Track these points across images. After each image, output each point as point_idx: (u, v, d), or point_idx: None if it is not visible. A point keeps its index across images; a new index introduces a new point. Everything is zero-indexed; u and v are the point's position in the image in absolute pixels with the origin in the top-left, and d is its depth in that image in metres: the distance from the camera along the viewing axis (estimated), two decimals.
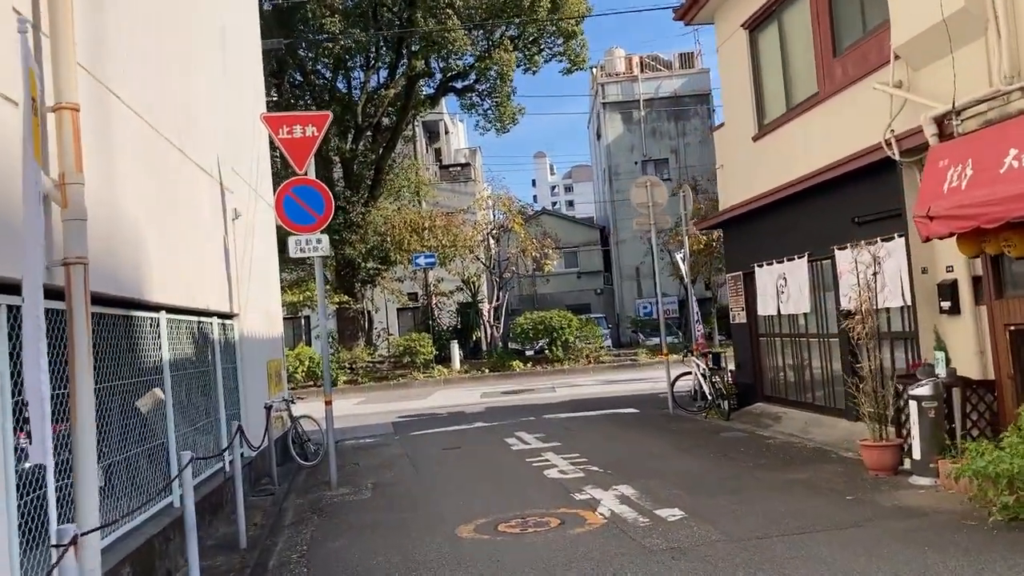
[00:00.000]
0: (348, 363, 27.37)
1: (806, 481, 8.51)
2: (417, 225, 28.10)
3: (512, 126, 33.98)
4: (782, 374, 13.56)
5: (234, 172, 11.55)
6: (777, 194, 12.45)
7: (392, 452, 13.26)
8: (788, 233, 12.58)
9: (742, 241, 14.35)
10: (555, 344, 26.70)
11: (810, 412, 12.34)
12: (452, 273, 30.09)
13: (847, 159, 10.28)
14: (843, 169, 10.40)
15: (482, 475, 10.41)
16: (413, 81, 28.61)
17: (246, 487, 10.44)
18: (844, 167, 10.37)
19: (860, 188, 10.47)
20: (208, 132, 10.27)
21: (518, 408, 17.94)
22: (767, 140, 13.14)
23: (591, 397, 19.03)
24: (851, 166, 10.20)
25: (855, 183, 10.50)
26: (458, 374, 26.74)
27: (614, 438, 12.68)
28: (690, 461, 10.23)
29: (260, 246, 13.17)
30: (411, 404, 20.70)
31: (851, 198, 10.73)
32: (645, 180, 15.30)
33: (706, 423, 13.62)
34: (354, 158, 28.83)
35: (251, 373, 11.69)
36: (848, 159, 10.24)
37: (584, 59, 32.23)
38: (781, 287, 12.86)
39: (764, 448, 10.76)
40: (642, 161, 44.59)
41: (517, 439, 13.12)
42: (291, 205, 10.50)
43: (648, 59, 47.00)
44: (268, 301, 13.81)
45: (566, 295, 43.00)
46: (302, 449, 13.31)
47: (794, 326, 12.99)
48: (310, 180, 10.61)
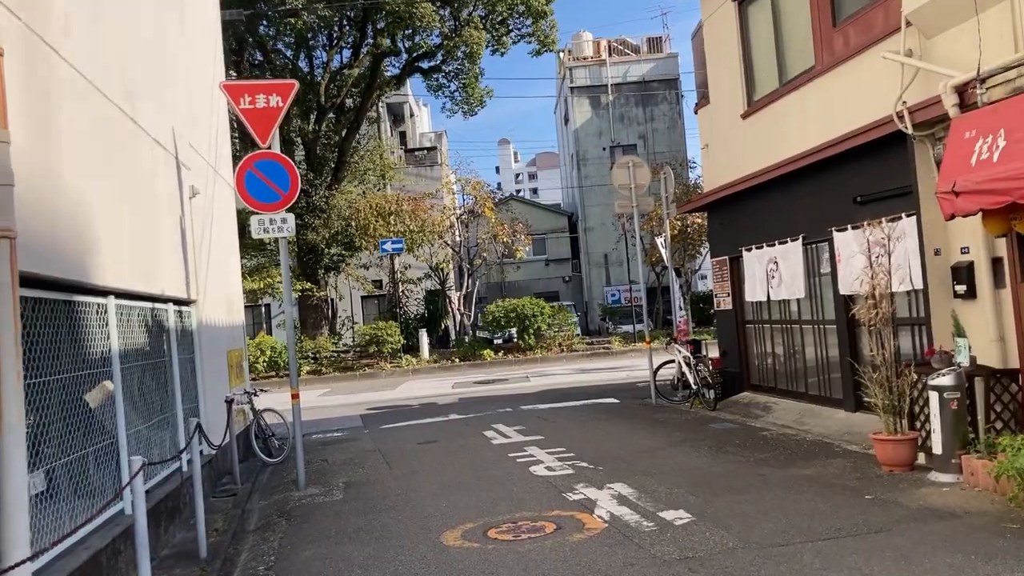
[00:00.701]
0: (312, 353, 26.42)
1: (816, 478, 7.91)
2: (383, 209, 27.16)
3: (480, 109, 33.15)
4: (771, 362, 13.01)
5: (191, 148, 10.68)
6: (768, 174, 11.85)
7: (363, 447, 12.49)
8: (780, 215, 12.00)
9: (729, 224, 13.76)
10: (527, 332, 25.99)
11: (803, 402, 11.80)
12: (420, 259, 29.20)
13: (849, 135, 9.68)
14: (844, 146, 9.80)
15: (463, 472, 9.68)
16: (378, 60, 27.62)
17: (206, 488, 9.63)
18: (845, 144, 9.77)
19: (863, 166, 9.90)
20: (164, 102, 9.40)
21: (493, 399, 17.23)
22: (757, 118, 12.53)
23: (568, 387, 18.38)
24: (854, 142, 9.61)
25: (857, 160, 9.92)
26: (427, 364, 25.93)
27: (599, 431, 12.03)
28: (684, 456, 9.60)
29: (220, 228, 12.30)
30: (379, 395, 19.89)
31: (852, 177, 10.16)
32: (627, 160, 14.64)
33: (692, 413, 13.03)
34: (317, 139, 27.77)
35: (211, 364, 10.85)
36: (851, 135, 9.64)
37: (554, 40, 31.46)
38: (772, 272, 12.28)
39: (760, 440, 10.17)
40: (610, 147, 44.00)
41: (496, 432, 12.42)
42: (253, 181, 9.65)
43: (616, 43, 46.33)
44: (229, 287, 12.94)
45: (534, 283, 42.34)
46: (266, 445, 12.51)
47: (785, 312, 12.43)
48: (274, 154, 9.76)
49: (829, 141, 10.20)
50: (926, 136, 8.53)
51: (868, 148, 9.55)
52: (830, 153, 10.18)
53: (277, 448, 12.49)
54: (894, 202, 9.32)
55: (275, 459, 12.08)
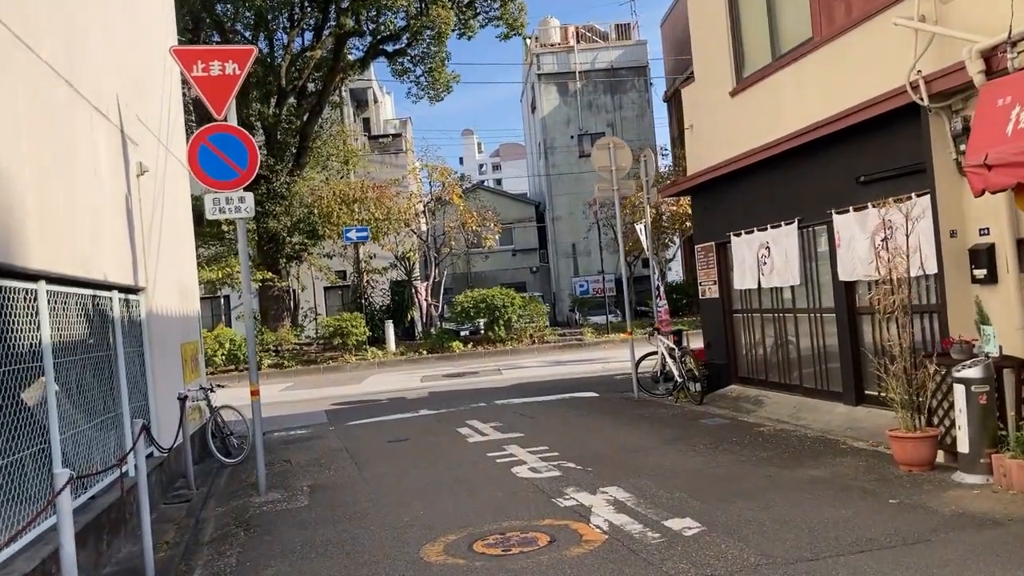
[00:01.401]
0: (273, 345, 25.40)
1: (829, 479, 7.25)
2: (347, 196, 26.19)
3: (446, 94, 32.18)
4: (761, 354, 12.38)
5: (139, 121, 9.75)
6: (760, 154, 11.19)
7: (328, 446, 11.65)
8: (773, 197, 11.35)
9: (715, 208, 13.09)
10: (497, 324, 25.18)
11: (797, 395, 11.18)
12: (386, 248, 28.24)
13: (853, 109, 9.01)
14: (847, 122, 9.14)
15: (440, 475, 8.90)
16: (341, 41, 26.58)
17: (156, 494, 8.77)
18: (849, 119, 9.11)
19: (867, 143, 9.25)
20: (106, 67, 8.47)
21: (465, 393, 16.44)
22: (748, 95, 11.85)
23: (542, 380, 17.66)
24: (858, 117, 8.95)
25: (861, 137, 9.28)
26: (393, 357, 25.04)
27: (582, 427, 11.31)
28: (679, 455, 8.91)
29: (173, 211, 11.36)
30: (344, 390, 19.01)
31: (855, 155, 9.52)
32: (608, 141, 13.91)
33: (678, 408, 12.36)
34: (277, 124, 26.65)
35: (162, 358, 9.95)
36: (855, 109, 8.98)
37: (522, 24, 30.64)
38: (763, 257, 11.64)
39: (758, 437, 9.51)
40: (578, 135, 43.32)
41: (472, 429, 11.64)
42: (208, 157, 8.75)
43: (584, 29, 45.62)
44: (183, 275, 12.00)
45: (501, 273, 41.52)
46: (224, 444, 11.64)
47: (777, 300, 11.79)
48: (231, 127, 8.87)
49: (829, 117, 9.54)
50: (942, 108, 7.89)
51: (873, 124, 8.90)
52: (830, 130, 9.53)
53: (236, 447, 11.63)
54: (903, 181, 8.69)
55: (234, 459, 11.23)
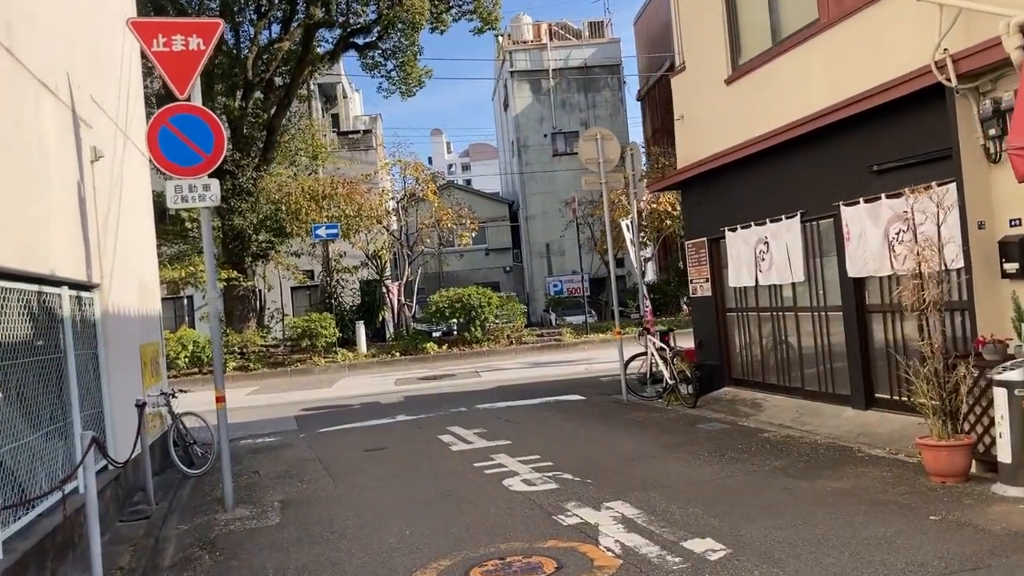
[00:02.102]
0: (238, 348, 24.42)
1: (855, 492, 6.63)
2: (316, 192, 25.29)
3: (418, 89, 31.44)
4: (757, 355, 11.79)
5: (94, 102, 8.90)
6: (758, 145, 10.61)
7: (300, 455, 10.87)
8: (773, 190, 10.77)
9: (708, 202, 12.49)
10: (474, 324, 24.41)
11: (798, 398, 10.59)
12: (356, 247, 27.33)
13: (867, 94, 8.43)
14: (860, 107, 8.56)
15: (424, 488, 8.17)
16: (311, 32, 25.67)
17: (111, 510, 7.96)
18: (862, 104, 8.53)
19: (880, 130, 8.69)
20: (54, 39, 7.63)
21: (443, 397, 15.69)
22: (744, 83, 11.26)
23: (523, 382, 16.95)
24: (873, 102, 8.37)
25: (873, 124, 8.71)
26: (365, 359, 24.17)
27: (573, 434, 10.64)
28: (683, 464, 8.25)
29: (132, 202, 10.51)
30: (314, 394, 18.17)
31: (865, 143, 8.95)
32: (595, 132, 13.26)
33: (671, 412, 11.73)
34: (244, 117, 25.66)
35: (118, 361, 9.10)
36: (869, 93, 8.39)
37: (497, 18, 29.94)
38: (761, 253, 11.05)
39: (764, 444, 8.89)
40: (552, 133, 42.77)
41: (454, 436, 10.92)
42: (169, 140, 7.95)
43: (557, 27, 45.04)
44: (142, 271, 11.13)
45: (474, 273, 40.75)
46: (187, 453, 10.83)
47: (776, 299, 11.21)
48: (195, 107, 8.07)
49: (838, 103, 8.96)
50: (969, 89, 7.32)
51: (889, 109, 8.33)
52: (839, 117, 8.96)
53: (200, 456, 10.81)
54: (921, 169, 8.12)
55: (198, 470, 10.42)
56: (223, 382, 8.16)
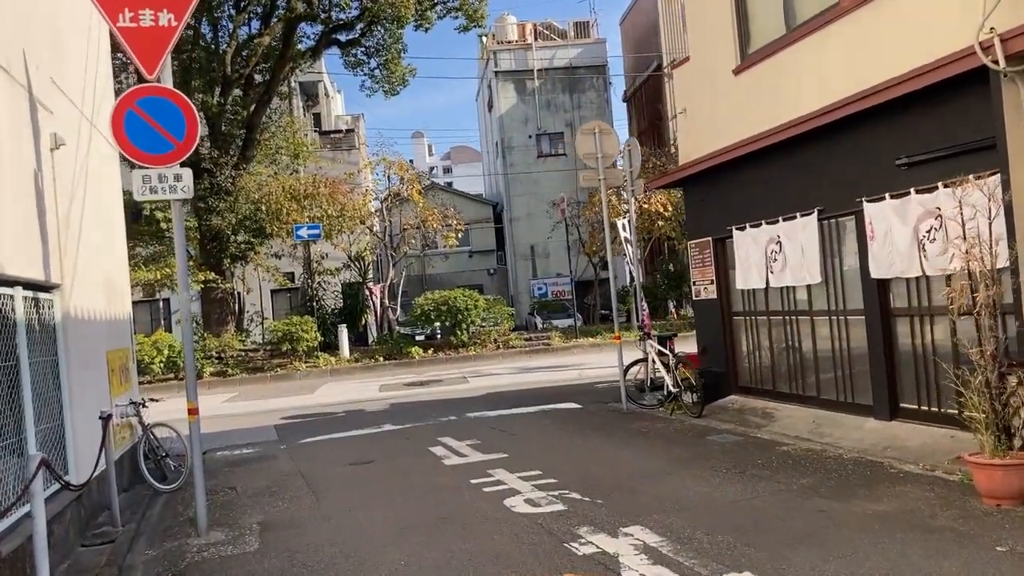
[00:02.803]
0: (216, 352, 23.53)
1: (900, 516, 5.97)
2: (297, 192, 24.46)
3: (402, 88, 30.72)
4: (767, 361, 11.15)
5: (54, 84, 8.13)
6: (770, 138, 9.98)
7: (280, 469, 10.11)
8: (786, 186, 10.14)
9: (714, 200, 11.84)
10: (460, 327, 23.65)
11: (814, 408, 9.96)
12: (338, 248, 26.50)
13: (896, 80, 7.81)
14: (889, 95, 7.94)
15: (417, 509, 7.44)
16: (292, 26, 24.85)
17: (71, 535, 7.19)
18: (890, 92, 7.90)
19: (910, 119, 8.06)
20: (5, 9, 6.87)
21: (431, 404, 14.94)
22: (755, 73, 10.63)
23: (514, 389, 16.23)
24: (903, 89, 7.74)
25: (901, 114, 8.09)
26: (347, 363, 23.35)
27: (574, 446, 9.94)
28: (701, 482, 7.57)
29: (98, 196, 9.73)
30: (295, 400, 17.36)
31: (893, 134, 8.33)
32: (593, 126, 12.59)
33: (675, 422, 11.06)
34: (222, 114, 24.79)
35: (82, 369, 8.33)
36: (900, 80, 7.76)
37: (482, 15, 29.25)
38: (773, 254, 10.41)
39: (785, 459, 8.22)
40: (536, 134, 42.20)
41: (446, 448, 10.20)
42: (136, 125, 7.19)
43: (542, 27, 44.45)
44: (110, 271, 10.34)
45: (457, 275, 40.01)
46: (158, 466, 10.05)
47: (789, 302, 10.57)
48: (165, 90, 7.32)
49: (863, 91, 8.34)
50: (1018, 72, 6.71)
51: (919, 97, 7.72)
52: (864, 107, 8.33)
53: (173, 470, 10.04)
54: (956, 161, 7.50)
55: (170, 485, 9.66)
56: (196, 391, 7.39)
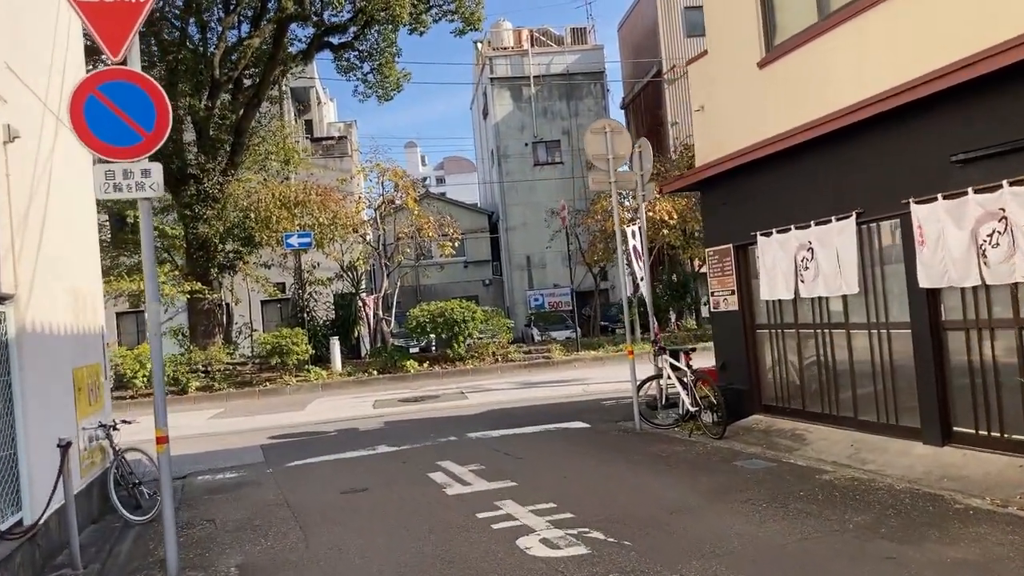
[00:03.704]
0: (202, 365, 22.55)
1: (987, 566, 5.10)
2: (288, 199, 23.55)
3: (396, 93, 29.89)
4: (795, 377, 10.29)
5: (11, 72, 7.26)
6: (801, 135, 9.16)
7: (265, 498, 9.18)
8: (819, 187, 9.31)
9: (735, 204, 10.99)
10: (457, 340, 22.72)
11: (851, 430, 9.09)
12: (330, 257, 25.56)
13: (957, 66, 6.99)
14: (948, 81, 7.12)
15: (419, 550, 6.53)
16: (283, 27, 23.97)
17: None
18: (952, 77, 7.08)
19: (970, 109, 7.23)
20: None
21: (428, 423, 14.01)
22: (782, 65, 9.81)
23: (516, 406, 15.30)
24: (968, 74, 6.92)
25: (960, 103, 7.27)
26: (340, 377, 22.39)
27: (589, 473, 9.03)
28: (741, 518, 6.68)
29: (64, 198, 8.83)
30: (284, 417, 16.41)
31: (946, 128, 7.51)
32: (603, 125, 11.74)
33: (697, 444, 10.16)
34: (210, 118, 23.86)
35: (40, 388, 7.42)
36: (962, 64, 6.94)
37: (479, 18, 28.42)
38: (804, 261, 9.56)
39: (830, 490, 7.33)
40: (533, 142, 41.35)
41: (447, 474, 9.29)
42: (98, 113, 6.30)
43: (538, 33, 43.70)
44: (80, 279, 9.42)
45: (452, 286, 39.07)
46: (132, 495, 9.11)
47: (821, 313, 9.71)
48: (131, 73, 6.43)
49: (911, 81, 7.53)
50: None
51: (981, 84, 6.91)
52: (914, 97, 7.52)
53: (148, 498, 9.13)
54: None
55: (143, 516, 8.75)
56: (166, 416, 6.46)
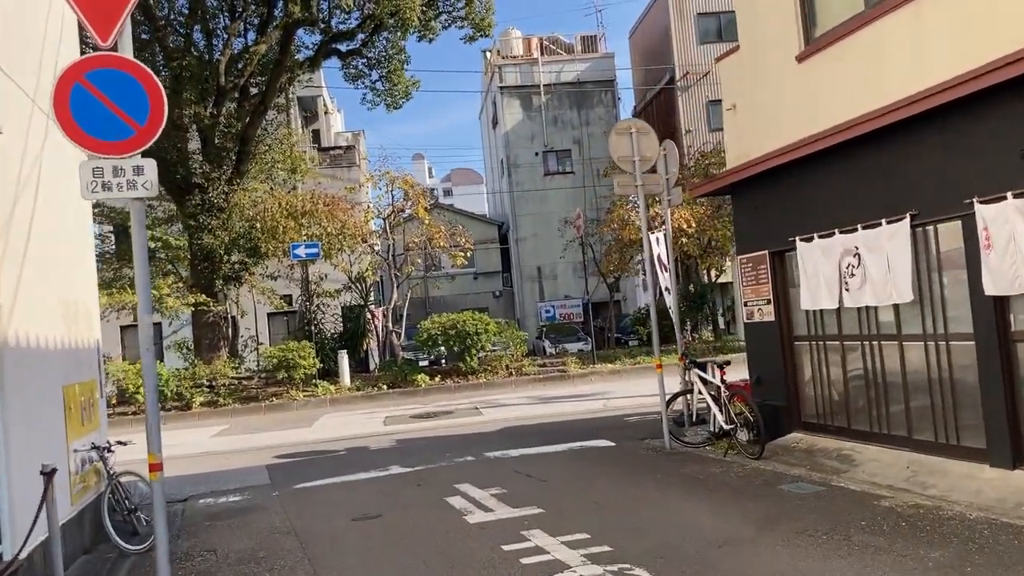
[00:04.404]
0: (207, 380, 21.87)
1: None
2: (295, 209, 22.92)
3: (404, 101, 29.33)
4: (840, 393, 9.58)
5: None
6: (847, 132, 8.52)
7: (270, 525, 8.50)
8: (868, 187, 8.64)
9: (771, 207, 10.32)
10: (469, 353, 22.01)
11: (905, 450, 8.38)
12: (339, 268, 24.90)
13: None
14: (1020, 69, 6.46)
15: None
16: (289, 32, 23.39)
17: None
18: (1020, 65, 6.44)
19: None
20: None
21: (442, 441, 13.31)
22: (824, 58, 9.16)
23: (534, 423, 14.59)
24: None
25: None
26: (348, 392, 21.69)
27: (621, 498, 8.32)
28: (801, 553, 5.97)
29: (55, 202, 8.21)
30: (291, 435, 15.72)
31: (1018, 119, 6.83)
32: (629, 125, 11.08)
33: (735, 465, 9.44)
34: (215, 126, 23.27)
35: (25, 409, 6.79)
36: None
37: (489, 24, 27.87)
38: (850, 268, 8.88)
39: (894, 519, 6.62)
40: (543, 151, 40.77)
41: (467, 500, 8.59)
42: (85, 103, 5.65)
43: (548, 42, 43.18)
44: (72, 290, 8.79)
45: (462, 298, 38.41)
46: (128, 521, 8.46)
47: (869, 324, 9.01)
48: (122, 59, 5.79)
49: (977, 69, 6.87)
50: None
51: None
52: (981, 86, 6.87)
53: (145, 525, 8.46)
54: None
55: (139, 546, 8.12)
56: (159, 441, 5.79)
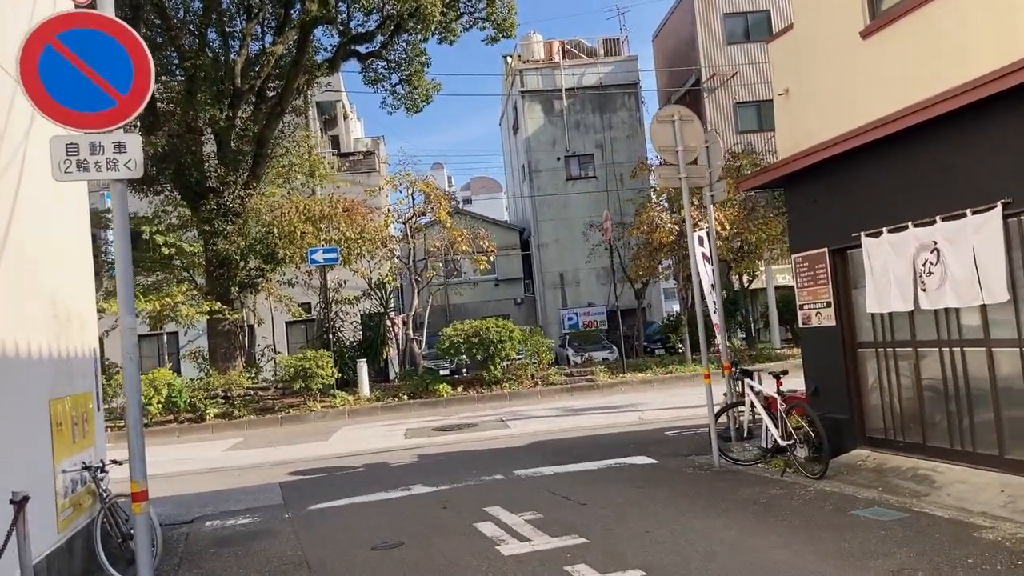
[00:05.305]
0: (222, 391, 21.10)
1: None
2: (312, 213, 22.16)
3: (425, 104, 28.56)
4: (913, 405, 8.59)
5: None
6: (924, 112, 7.58)
7: (282, 553, 7.63)
8: (946, 175, 7.68)
9: (831, 199, 9.37)
10: (493, 362, 21.11)
11: (996, 470, 7.38)
12: (358, 274, 24.10)
13: None
14: None
15: None
16: (307, 30, 22.69)
17: None
18: None
19: None
20: None
21: (467, 456, 12.39)
22: (893, 33, 8.22)
23: (565, 436, 13.63)
24: None
25: None
26: (367, 403, 20.84)
27: (673, 525, 7.37)
28: None
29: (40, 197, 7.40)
30: (307, 449, 14.87)
31: None
32: (671, 112, 10.16)
33: (795, 486, 8.47)
34: (231, 129, 22.56)
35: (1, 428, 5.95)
36: None
37: (512, 25, 27.05)
38: (927, 266, 7.91)
39: (1005, 555, 5.65)
40: (565, 156, 39.88)
41: (498, 526, 7.68)
42: (57, 68, 4.84)
43: (570, 45, 42.34)
44: (62, 294, 7.97)
45: (483, 305, 37.52)
46: (125, 547, 7.62)
47: (949, 328, 8.02)
48: (101, 17, 4.97)
49: None
50: None
51: None
52: None
53: None
54: None
55: None
56: (144, 467, 4.93)
